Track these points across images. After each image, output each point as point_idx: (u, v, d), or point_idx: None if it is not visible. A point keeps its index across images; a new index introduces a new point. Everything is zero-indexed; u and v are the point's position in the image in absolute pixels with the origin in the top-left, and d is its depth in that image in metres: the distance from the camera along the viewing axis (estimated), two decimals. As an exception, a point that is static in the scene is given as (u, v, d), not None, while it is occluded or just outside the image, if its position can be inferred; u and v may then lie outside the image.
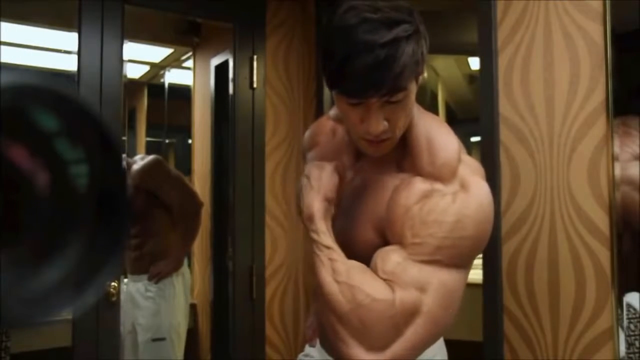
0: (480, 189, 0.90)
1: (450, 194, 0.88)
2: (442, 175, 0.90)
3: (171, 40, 3.02)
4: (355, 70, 0.81)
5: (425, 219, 0.86)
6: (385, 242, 0.92)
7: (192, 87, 3.08)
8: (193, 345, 2.81)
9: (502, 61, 1.46)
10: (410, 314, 0.85)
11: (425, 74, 0.95)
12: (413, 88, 0.88)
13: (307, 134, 1.22)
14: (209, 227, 2.73)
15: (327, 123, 1.17)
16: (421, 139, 0.95)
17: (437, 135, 0.95)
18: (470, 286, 1.20)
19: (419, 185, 0.90)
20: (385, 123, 0.86)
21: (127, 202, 0.48)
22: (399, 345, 0.85)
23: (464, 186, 0.89)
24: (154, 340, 2.56)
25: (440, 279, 0.86)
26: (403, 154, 0.96)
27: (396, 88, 0.83)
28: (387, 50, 0.80)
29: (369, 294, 0.84)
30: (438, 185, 0.89)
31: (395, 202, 0.91)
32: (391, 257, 0.88)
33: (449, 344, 1.21)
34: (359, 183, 1.01)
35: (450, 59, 3.43)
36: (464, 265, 0.91)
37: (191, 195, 2.76)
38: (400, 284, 0.85)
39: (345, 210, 1.01)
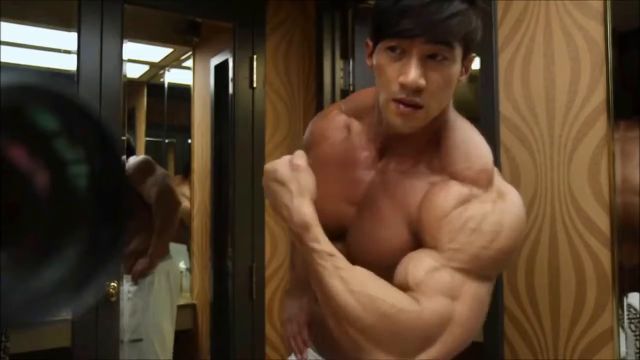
0: (517, 199, 0.88)
1: (489, 201, 0.85)
2: (480, 181, 0.87)
3: (171, 39, 3.02)
4: (404, 6, 0.80)
5: (465, 226, 0.83)
6: (418, 245, 0.88)
7: (191, 86, 3.07)
8: (193, 346, 2.80)
9: (503, 61, 1.46)
10: (442, 322, 0.81)
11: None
12: (459, 58, 0.85)
13: (312, 127, 1.11)
14: (208, 227, 2.72)
15: (338, 117, 1.07)
16: (459, 141, 0.91)
17: (475, 140, 0.92)
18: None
19: (458, 188, 0.86)
20: (423, 81, 0.82)
21: (127, 202, 0.48)
22: (433, 351, 0.81)
23: (501, 195, 0.86)
24: (132, 341, 2.54)
25: (473, 288, 0.83)
26: (435, 153, 0.92)
27: (443, 34, 0.80)
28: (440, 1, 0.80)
29: (393, 304, 0.79)
30: (476, 191, 0.86)
31: (432, 203, 0.87)
32: (425, 261, 0.83)
33: (449, 344, 1.22)
34: (384, 182, 0.96)
35: (450, 58, 3.43)
36: (494, 276, 0.89)
37: (169, 192, 2.74)
38: (428, 292, 0.81)
39: (371, 211, 0.95)
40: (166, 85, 3.43)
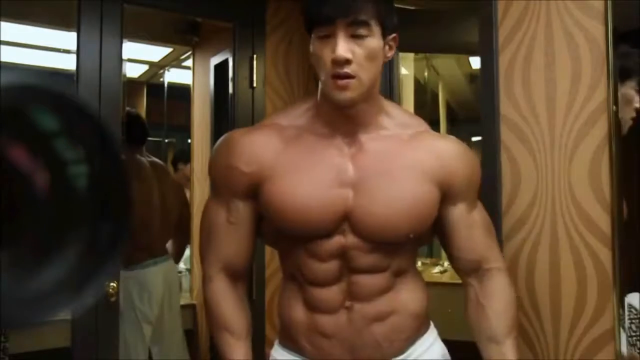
0: None
1: None
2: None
3: (171, 39, 3.02)
4: None
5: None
6: (443, 195, 1.09)
7: (191, 86, 3.07)
8: (193, 346, 2.80)
9: (503, 60, 1.46)
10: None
11: (426, 73, 0.98)
12: (377, 35, 1.03)
13: (234, 152, 1.11)
14: (208, 227, 2.72)
15: (264, 131, 1.14)
16: (397, 109, 1.21)
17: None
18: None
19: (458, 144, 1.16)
20: (349, 54, 0.99)
21: (127, 202, 0.48)
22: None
23: None
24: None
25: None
26: (383, 120, 1.12)
27: (358, 12, 0.99)
28: None
29: None
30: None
31: (460, 169, 1.11)
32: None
33: (448, 344, 1.21)
34: (369, 153, 1.08)
35: (451, 58, 3.42)
36: None
37: (187, 206, 2.89)
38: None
39: (377, 180, 1.06)
40: (166, 85, 3.43)
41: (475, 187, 1.15)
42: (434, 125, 1.62)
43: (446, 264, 3.35)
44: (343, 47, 0.99)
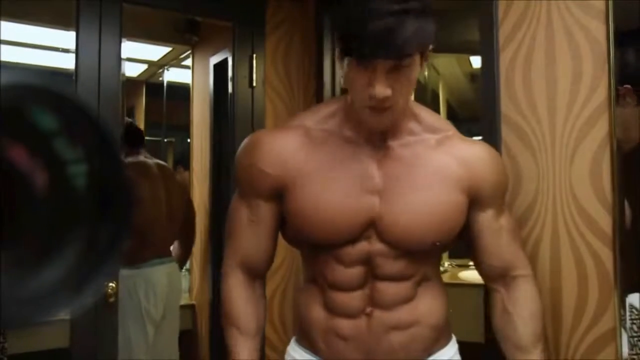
0: None
1: None
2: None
3: (170, 38, 3.01)
4: (368, 33, 0.89)
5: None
6: (470, 201, 1.08)
7: (191, 85, 3.07)
8: (192, 346, 2.80)
9: (504, 60, 1.45)
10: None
11: (426, 72, 0.99)
12: (417, 61, 0.96)
13: (259, 152, 1.11)
14: (208, 227, 2.72)
15: (290, 133, 1.11)
16: (425, 111, 1.15)
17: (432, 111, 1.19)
18: (471, 286, 1.21)
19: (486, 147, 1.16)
20: (389, 91, 0.93)
21: (127, 202, 0.47)
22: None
23: None
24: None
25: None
26: (412, 124, 1.09)
27: (402, 53, 0.91)
28: (397, 18, 0.89)
29: None
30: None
31: (487, 174, 1.10)
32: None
33: (449, 344, 1.21)
34: (397, 159, 1.06)
35: (451, 57, 3.42)
36: None
37: (194, 212, 2.88)
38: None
39: (405, 187, 1.05)
40: (165, 84, 3.43)
41: (502, 192, 1.15)
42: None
43: (446, 263, 3.35)
44: (382, 86, 0.93)
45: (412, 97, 1.10)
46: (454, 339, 1.20)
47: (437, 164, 1.07)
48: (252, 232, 1.14)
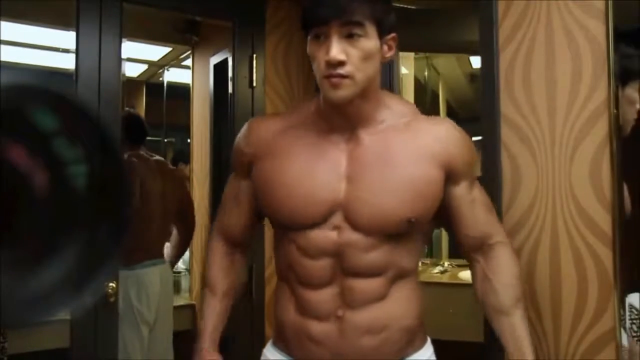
0: None
1: None
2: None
3: (170, 38, 3.01)
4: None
5: None
6: (446, 176, 1.10)
7: (191, 86, 3.07)
8: (192, 346, 2.80)
9: (504, 60, 1.46)
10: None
11: (426, 73, 0.99)
12: (372, 35, 1.03)
13: (242, 134, 1.23)
14: (208, 226, 2.72)
15: (277, 118, 1.23)
16: (391, 97, 1.19)
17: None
18: (471, 287, 1.20)
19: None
20: (343, 55, 1.00)
21: (127, 202, 0.47)
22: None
23: None
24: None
25: None
26: (378, 112, 1.12)
27: (349, 10, 0.99)
28: None
29: None
30: None
31: (459, 149, 1.12)
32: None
33: (449, 344, 1.21)
34: (367, 145, 1.09)
35: (451, 57, 3.42)
36: None
37: (193, 212, 2.89)
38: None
39: (376, 170, 1.07)
40: (165, 84, 3.43)
41: (472, 164, 1.18)
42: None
43: (446, 263, 3.35)
44: (336, 49, 1.00)
45: (407, 99, 1.16)
46: (429, 341, 1.20)
47: (407, 143, 1.09)
48: (233, 208, 1.26)
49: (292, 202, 1.06)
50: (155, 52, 3.22)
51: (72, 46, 1.76)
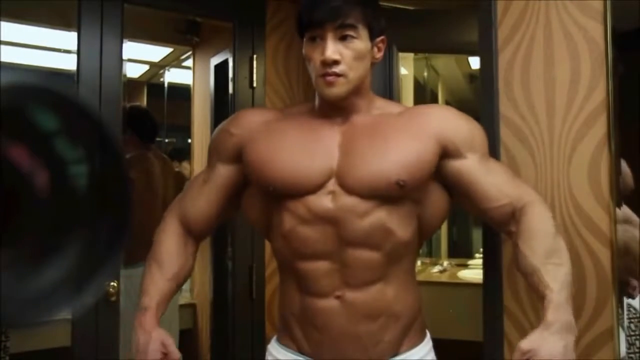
0: None
1: None
2: None
3: (171, 39, 3.01)
4: (312, 2, 1.09)
5: None
6: (444, 150, 1.12)
7: (191, 86, 3.07)
8: (193, 345, 2.81)
9: (503, 60, 1.46)
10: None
11: (425, 73, 1.01)
12: (364, 37, 1.10)
13: (231, 120, 1.28)
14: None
15: (270, 110, 1.32)
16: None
17: None
18: (470, 286, 1.21)
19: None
20: (337, 55, 1.07)
21: (127, 202, 0.48)
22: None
23: None
24: None
25: None
26: (372, 105, 1.19)
27: (342, 12, 1.06)
28: None
29: None
30: None
31: (455, 126, 1.15)
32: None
33: (449, 344, 1.21)
34: (360, 131, 1.13)
35: (450, 58, 3.42)
36: None
37: None
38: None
39: (374, 138, 1.12)
40: (166, 85, 3.43)
41: (481, 140, 1.17)
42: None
43: (446, 263, 3.35)
44: (331, 49, 1.07)
45: (407, 100, 1.19)
46: (428, 336, 1.21)
47: (401, 122, 1.15)
48: (198, 191, 1.26)
49: (291, 169, 1.11)
50: (156, 52, 3.22)
51: (74, 47, 1.76)
